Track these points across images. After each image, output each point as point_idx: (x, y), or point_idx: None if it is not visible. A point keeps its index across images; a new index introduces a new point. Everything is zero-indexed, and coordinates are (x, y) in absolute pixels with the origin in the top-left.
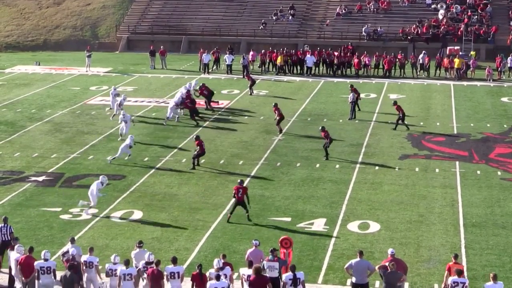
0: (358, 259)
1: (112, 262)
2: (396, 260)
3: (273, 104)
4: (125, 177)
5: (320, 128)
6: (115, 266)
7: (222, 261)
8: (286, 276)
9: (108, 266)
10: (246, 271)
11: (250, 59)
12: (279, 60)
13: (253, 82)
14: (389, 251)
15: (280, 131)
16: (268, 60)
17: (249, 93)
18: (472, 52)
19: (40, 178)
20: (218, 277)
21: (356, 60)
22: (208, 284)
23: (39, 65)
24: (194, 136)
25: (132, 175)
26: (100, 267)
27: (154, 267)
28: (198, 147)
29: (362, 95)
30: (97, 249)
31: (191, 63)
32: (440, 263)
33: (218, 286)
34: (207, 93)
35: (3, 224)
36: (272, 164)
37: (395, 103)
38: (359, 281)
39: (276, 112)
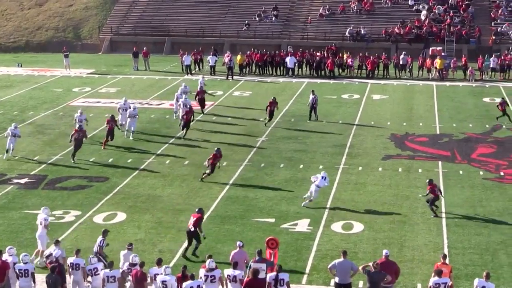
0: (341, 259)
1: (90, 263)
2: (389, 262)
3: (273, 97)
4: (108, 179)
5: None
6: (93, 265)
7: (214, 262)
8: (270, 276)
9: (87, 267)
10: (230, 272)
11: (225, 61)
12: (239, 60)
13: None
14: (384, 252)
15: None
16: (251, 61)
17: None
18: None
19: (23, 180)
20: (192, 277)
21: (329, 60)
22: (184, 284)
23: (21, 66)
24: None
25: (115, 177)
26: None
27: (138, 269)
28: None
29: (345, 96)
30: (81, 252)
31: (174, 65)
32: (422, 262)
33: (193, 285)
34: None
35: None
36: (256, 165)
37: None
38: (342, 281)
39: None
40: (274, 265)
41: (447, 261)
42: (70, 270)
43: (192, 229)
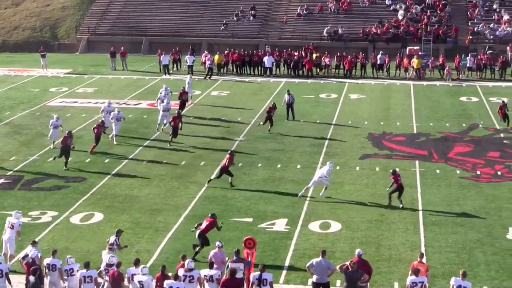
0: (320, 258)
1: (66, 263)
2: (362, 261)
3: (272, 103)
4: (85, 179)
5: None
6: (70, 266)
7: (193, 262)
8: (253, 275)
9: (63, 267)
10: (206, 272)
11: (203, 60)
12: (217, 60)
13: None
14: (357, 251)
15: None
16: (230, 61)
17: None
18: None
19: None
20: (176, 277)
21: (306, 60)
22: (165, 282)
23: None
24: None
25: (92, 177)
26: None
27: (115, 269)
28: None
29: (323, 95)
30: (58, 252)
31: (152, 64)
32: (399, 261)
33: (173, 285)
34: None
35: None
36: (234, 164)
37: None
38: (320, 280)
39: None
40: (252, 265)
41: (424, 260)
42: (47, 271)
43: (199, 234)
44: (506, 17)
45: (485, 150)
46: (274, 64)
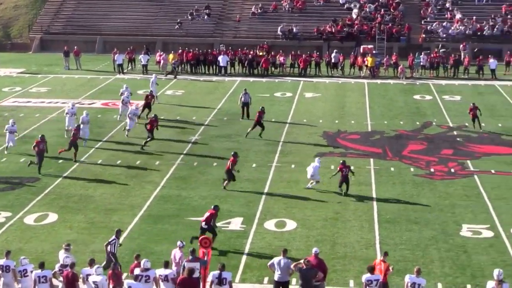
0: (281, 257)
1: (20, 264)
2: (319, 260)
3: (261, 108)
4: (39, 179)
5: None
6: (23, 266)
7: (149, 262)
8: (213, 274)
9: (17, 269)
10: (162, 272)
11: (157, 60)
12: (171, 59)
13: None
14: (313, 250)
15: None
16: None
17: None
18: None
19: None
20: (136, 278)
21: (263, 59)
22: (126, 282)
23: None
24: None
25: (46, 177)
26: None
27: (69, 270)
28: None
29: (278, 94)
30: (11, 253)
31: (106, 64)
32: (355, 259)
33: (132, 285)
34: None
35: None
36: (189, 164)
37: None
38: (281, 279)
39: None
40: (208, 264)
41: (386, 259)
42: (0, 272)
43: (205, 226)
44: (458, 15)
45: (439, 147)
46: (229, 63)
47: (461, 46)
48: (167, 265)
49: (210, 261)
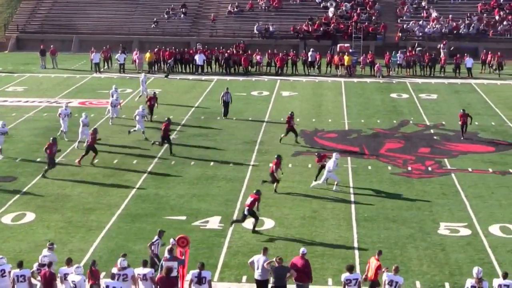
0: (261, 255)
1: None
2: (305, 260)
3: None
4: (16, 178)
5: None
6: (1, 266)
7: (126, 261)
8: (192, 273)
9: None
10: (140, 271)
11: (133, 58)
12: (148, 57)
13: None
14: (301, 250)
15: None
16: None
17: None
18: None
19: None
20: (113, 277)
21: (244, 57)
22: (103, 281)
23: None
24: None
25: (23, 177)
26: None
27: (47, 269)
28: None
29: (255, 93)
30: None
31: (82, 62)
32: (333, 257)
33: (109, 285)
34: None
35: None
36: (167, 162)
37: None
38: (262, 277)
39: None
40: (185, 263)
41: (380, 257)
42: None
43: (246, 212)
44: (434, 14)
45: (416, 146)
46: (206, 61)
47: (442, 44)
48: (145, 264)
49: (187, 260)
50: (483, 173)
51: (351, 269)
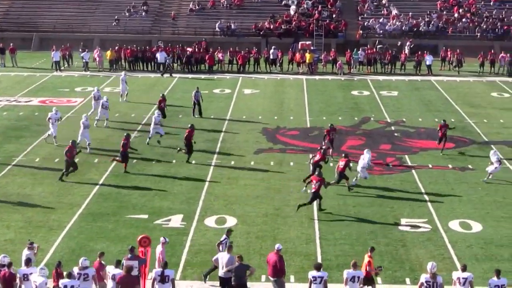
0: (225, 253)
1: None
2: (279, 256)
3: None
4: None
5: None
6: None
7: (87, 260)
8: (156, 272)
9: None
10: (111, 270)
11: (94, 57)
12: (109, 56)
13: None
14: (276, 246)
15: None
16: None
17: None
18: None
19: None
20: (69, 275)
21: (208, 56)
22: (61, 281)
23: None
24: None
25: None
26: None
27: (6, 270)
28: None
29: (216, 91)
30: None
31: (43, 61)
32: (295, 254)
33: (67, 284)
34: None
35: None
36: (129, 161)
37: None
38: (225, 275)
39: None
40: (147, 263)
41: (372, 254)
42: None
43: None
44: (394, 12)
45: (377, 143)
46: (167, 59)
47: (409, 42)
48: (118, 264)
49: (149, 259)
50: (443, 169)
51: (318, 267)
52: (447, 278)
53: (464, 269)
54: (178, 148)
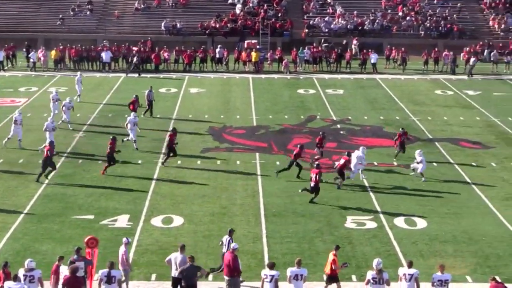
0: (178, 253)
1: None
2: (234, 255)
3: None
4: None
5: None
6: None
7: (33, 262)
8: (102, 272)
9: None
10: (65, 270)
11: (39, 56)
12: (53, 55)
13: None
14: (232, 245)
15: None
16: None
17: None
18: None
19: None
20: (15, 278)
21: (154, 55)
22: (6, 283)
23: None
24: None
25: None
26: None
27: None
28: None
29: (162, 90)
30: None
31: None
32: (242, 253)
33: (12, 286)
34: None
35: None
36: (74, 161)
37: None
38: (179, 275)
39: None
40: (94, 264)
41: (337, 252)
42: None
43: (312, 184)
44: (340, 10)
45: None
46: (112, 59)
47: (354, 40)
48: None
49: (96, 260)
50: (388, 166)
51: (271, 266)
52: (393, 274)
53: (410, 265)
54: (122, 140)
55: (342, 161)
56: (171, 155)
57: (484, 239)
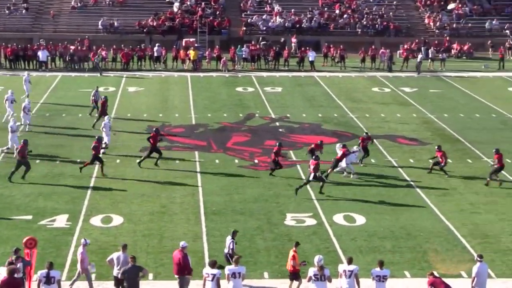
0: (120, 252)
1: None
2: (183, 254)
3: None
4: None
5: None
6: None
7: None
8: (41, 273)
9: None
10: (3, 271)
11: None
12: None
13: None
14: (181, 243)
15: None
16: None
17: None
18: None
19: None
20: None
21: (93, 53)
22: None
23: None
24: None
25: None
26: None
27: None
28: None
29: (101, 89)
30: None
31: None
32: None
33: None
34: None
35: None
36: (11, 161)
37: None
38: (120, 276)
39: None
40: (32, 265)
41: (297, 248)
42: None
43: (312, 176)
44: (277, 8)
45: (262, 139)
46: (49, 58)
47: (293, 39)
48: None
49: (35, 261)
50: (328, 163)
51: (213, 264)
52: (333, 271)
53: (350, 261)
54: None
55: (340, 153)
56: (160, 155)
57: (422, 235)
